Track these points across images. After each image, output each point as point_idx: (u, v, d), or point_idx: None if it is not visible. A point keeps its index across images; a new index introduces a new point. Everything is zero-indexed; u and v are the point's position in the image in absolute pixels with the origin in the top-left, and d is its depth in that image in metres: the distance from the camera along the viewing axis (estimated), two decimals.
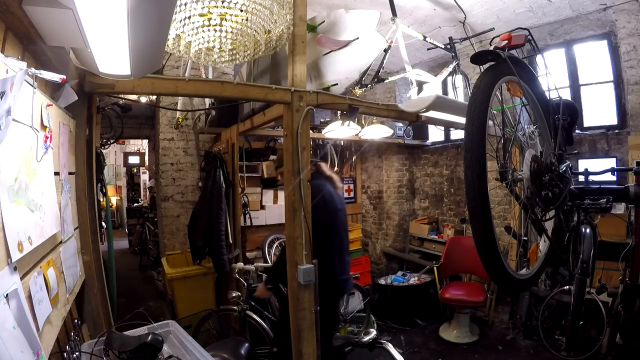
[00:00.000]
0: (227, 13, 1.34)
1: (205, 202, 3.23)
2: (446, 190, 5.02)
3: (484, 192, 1.13)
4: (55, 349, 1.19)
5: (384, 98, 5.46)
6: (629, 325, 2.05)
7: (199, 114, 3.91)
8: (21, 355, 0.85)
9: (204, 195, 3.28)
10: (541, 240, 1.84)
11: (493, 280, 1.42)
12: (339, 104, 2.48)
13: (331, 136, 3.95)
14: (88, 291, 1.77)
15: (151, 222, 6.74)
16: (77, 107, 1.64)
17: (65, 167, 1.48)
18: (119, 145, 9.93)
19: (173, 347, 1.49)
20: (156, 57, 1.26)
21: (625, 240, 2.71)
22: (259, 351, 2.63)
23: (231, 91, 2.06)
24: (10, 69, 0.85)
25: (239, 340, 2.12)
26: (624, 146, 3.45)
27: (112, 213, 8.94)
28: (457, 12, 3.60)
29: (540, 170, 1.46)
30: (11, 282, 0.86)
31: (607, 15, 3.43)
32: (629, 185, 1.79)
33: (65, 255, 1.38)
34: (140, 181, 10.64)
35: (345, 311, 3.55)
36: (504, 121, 1.47)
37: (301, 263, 2.17)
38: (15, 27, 0.99)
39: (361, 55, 2.57)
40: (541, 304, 3.50)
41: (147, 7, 0.87)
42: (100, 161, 2.96)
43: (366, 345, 1.23)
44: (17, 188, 0.94)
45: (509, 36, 1.47)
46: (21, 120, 0.97)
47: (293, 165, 2.17)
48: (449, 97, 3.28)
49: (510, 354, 3.44)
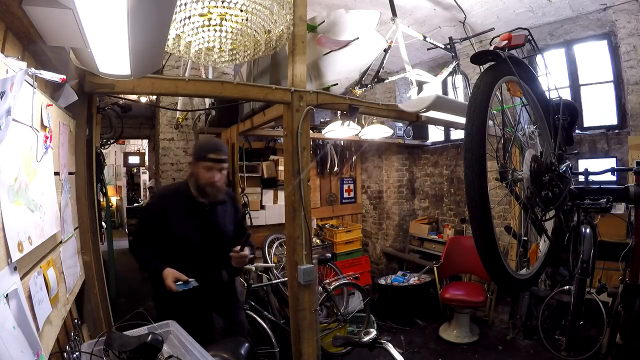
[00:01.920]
0: (227, 13, 1.34)
1: None
2: (446, 190, 5.02)
3: (484, 192, 1.13)
4: (55, 349, 1.19)
5: (384, 98, 5.46)
6: (629, 325, 2.05)
7: (199, 114, 3.91)
8: (21, 355, 0.85)
9: None
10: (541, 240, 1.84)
11: (493, 280, 1.42)
12: (339, 104, 2.48)
13: (331, 136, 3.95)
14: (88, 291, 1.77)
15: None
16: (77, 107, 1.64)
17: (65, 167, 1.48)
18: (119, 145, 9.92)
19: (173, 347, 1.48)
20: (156, 57, 1.26)
21: (625, 240, 2.71)
22: (259, 351, 2.63)
23: (231, 91, 2.07)
24: (10, 69, 0.85)
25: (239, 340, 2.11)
26: (624, 146, 3.45)
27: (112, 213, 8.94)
28: (457, 12, 3.60)
29: (540, 170, 1.46)
30: (11, 282, 0.86)
31: (607, 15, 3.43)
32: (629, 185, 1.79)
33: (65, 255, 1.38)
34: (140, 181, 10.65)
35: (345, 311, 3.56)
36: (504, 121, 1.47)
37: (301, 263, 2.17)
38: (15, 27, 0.99)
39: (361, 55, 2.57)
40: (541, 304, 3.50)
41: (147, 7, 0.87)
42: (100, 161, 2.96)
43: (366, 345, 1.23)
44: (17, 188, 0.94)
45: (509, 36, 1.46)
46: (21, 120, 0.97)
47: (293, 165, 2.17)
48: (449, 97, 3.28)
49: (510, 354, 3.44)
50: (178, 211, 1.96)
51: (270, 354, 2.77)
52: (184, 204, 1.98)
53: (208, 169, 1.93)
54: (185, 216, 1.96)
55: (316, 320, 2.29)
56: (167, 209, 1.96)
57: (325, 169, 5.20)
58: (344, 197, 5.53)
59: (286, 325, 2.93)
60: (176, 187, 2.25)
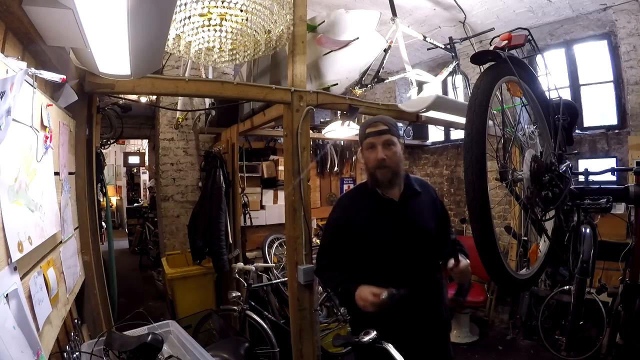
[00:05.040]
0: (227, 13, 1.34)
1: (205, 202, 3.23)
2: (446, 190, 5.02)
3: (484, 192, 1.13)
4: (55, 349, 1.19)
5: (384, 98, 5.46)
6: (629, 325, 2.05)
7: (199, 114, 3.91)
8: (21, 355, 0.85)
9: (204, 195, 3.28)
10: (541, 240, 1.84)
11: (493, 280, 1.42)
12: (339, 104, 2.48)
13: (331, 136, 3.94)
14: (88, 291, 1.77)
15: (151, 222, 6.73)
16: (77, 107, 1.64)
17: (65, 167, 1.48)
18: (119, 145, 9.92)
19: (173, 347, 1.49)
20: (156, 57, 1.26)
21: (625, 240, 2.71)
22: (259, 351, 2.63)
23: (231, 91, 2.07)
24: (10, 69, 0.85)
25: (239, 340, 2.12)
26: (624, 146, 3.45)
27: (112, 213, 8.94)
28: (457, 12, 3.60)
29: (540, 170, 1.46)
30: (11, 282, 0.86)
31: (607, 15, 3.43)
32: (629, 185, 1.79)
33: (65, 255, 1.38)
34: (140, 181, 10.64)
35: (345, 311, 3.56)
36: (504, 121, 1.47)
37: (301, 263, 2.17)
38: (15, 27, 0.99)
39: (361, 55, 2.57)
40: (541, 304, 3.49)
41: (147, 7, 0.87)
42: (100, 161, 2.96)
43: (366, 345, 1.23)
44: (17, 188, 0.94)
45: (509, 36, 1.47)
46: (21, 120, 0.97)
47: (293, 165, 2.17)
48: (449, 97, 3.28)
49: (510, 354, 3.44)
50: (365, 215, 1.59)
51: (270, 354, 2.76)
52: (369, 205, 1.60)
53: (370, 147, 1.56)
54: (374, 218, 1.58)
55: (316, 320, 2.29)
56: (353, 217, 1.59)
57: (325, 169, 5.19)
58: None
59: (286, 325, 2.93)
60: (357, 190, 1.79)
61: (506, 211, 3.90)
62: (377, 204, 1.59)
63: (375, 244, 1.54)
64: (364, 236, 1.56)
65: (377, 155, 1.52)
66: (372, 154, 1.54)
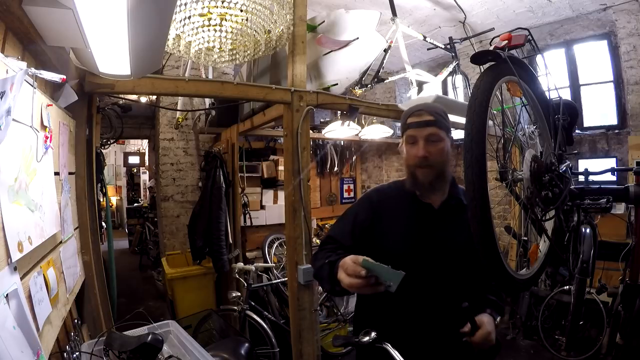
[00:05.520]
0: (227, 13, 1.34)
1: (205, 202, 3.23)
2: None
3: (484, 192, 1.13)
4: (55, 349, 1.19)
5: (384, 98, 5.47)
6: (629, 325, 2.05)
7: (199, 114, 3.91)
8: (21, 355, 0.85)
9: (204, 195, 3.28)
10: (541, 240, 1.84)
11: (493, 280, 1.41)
12: (339, 104, 2.48)
13: (331, 136, 3.95)
14: (88, 291, 1.77)
15: (151, 222, 6.73)
16: (77, 107, 1.64)
17: (65, 167, 1.48)
18: (119, 145, 9.92)
19: (173, 347, 1.49)
20: (156, 57, 1.26)
21: (625, 240, 2.72)
22: (259, 351, 2.63)
23: (231, 91, 2.07)
24: (10, 69, 0.85)
25: (239, 340, 2.11)
26: (624, 146, 3.45)
27: (112, 213, 8.94)
28: (457, 12, 3.61)
29: (540, 170, 1.46)
30: (11, 282, 0.86)
31: (607, 15, 3.43)
32: (629, 185, 1.79)
33: (65, 255, 1.38)
34: (140, 181, 10.64)
35: (345, 311, 3.56)
36: (504, 121, 1.46)
37: (301, 263, 2.17)
38: (15, 27, 0.99)
39: (361, 55, 2.57)
40: (541, 304, 3.50)
41: (147, 7, 0.87)
42: (100, 161, 2.96)
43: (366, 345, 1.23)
44: (17, 188, 0.94)
45: (509, 36, 1.46)
46: (21, 120, 0.97)
47: (293, 165, 2.17)
48: (449, 97, 3.28)
49: (510, 354, 3.44)
50: (393, 218, 1.33)
51: (270, 354, 2.77)
52: (401, 207, 1.34)
53: (411, 141, 1.29)
54: (403, 224, 1.31)
55: (316, 320, 2.29)
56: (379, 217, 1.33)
57: (325, 169, 5.20)
58: (344, 197, 5.53)
59: (286, 325, 2.93)
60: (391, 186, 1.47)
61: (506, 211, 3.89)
62: (410, 208, 1.32)
63: (396, 255, 1.21)
64: (385, 243, 1.29)
65: (417, 151, 1.25)
66: (413, 150, 1.27)
